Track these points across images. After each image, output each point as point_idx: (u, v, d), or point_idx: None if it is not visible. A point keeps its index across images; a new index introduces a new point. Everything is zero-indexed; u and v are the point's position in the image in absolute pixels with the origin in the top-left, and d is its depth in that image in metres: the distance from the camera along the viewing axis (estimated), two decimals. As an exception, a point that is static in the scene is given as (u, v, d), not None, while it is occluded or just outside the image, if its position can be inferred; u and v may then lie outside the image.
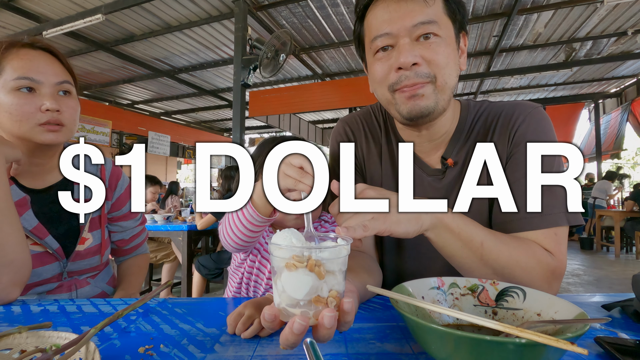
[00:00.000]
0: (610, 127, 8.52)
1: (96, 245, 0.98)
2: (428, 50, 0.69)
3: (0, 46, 0.81)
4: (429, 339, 0.40)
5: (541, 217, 0.70)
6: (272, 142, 0.89)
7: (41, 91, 0.81)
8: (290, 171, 0.56)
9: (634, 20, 5.19)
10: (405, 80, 0.70)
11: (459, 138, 0.83)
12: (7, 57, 0.80)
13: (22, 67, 0.80)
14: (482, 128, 0.82)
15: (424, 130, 0.80)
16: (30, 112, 0.79)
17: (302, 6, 4.68)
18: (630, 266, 5.42)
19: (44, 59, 0.83)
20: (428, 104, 0.71)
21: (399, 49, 0.70)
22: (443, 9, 0.71)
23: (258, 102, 5.89)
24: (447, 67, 0.70)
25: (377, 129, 0.93)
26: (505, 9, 4.80)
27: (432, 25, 0.68)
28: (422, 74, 0.69)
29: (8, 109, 0.78)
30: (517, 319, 0.52)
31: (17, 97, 0.79)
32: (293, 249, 0.42)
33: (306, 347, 0.50)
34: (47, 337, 0.46)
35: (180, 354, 0.50)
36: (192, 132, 10.61)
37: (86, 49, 5.88)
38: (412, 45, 0.69)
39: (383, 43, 0.72)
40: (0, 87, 0.79)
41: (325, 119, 10.61)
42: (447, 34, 0.71)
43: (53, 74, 0.83)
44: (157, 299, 0.75)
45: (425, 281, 0.56)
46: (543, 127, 0.75)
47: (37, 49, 0.84)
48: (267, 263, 0.91)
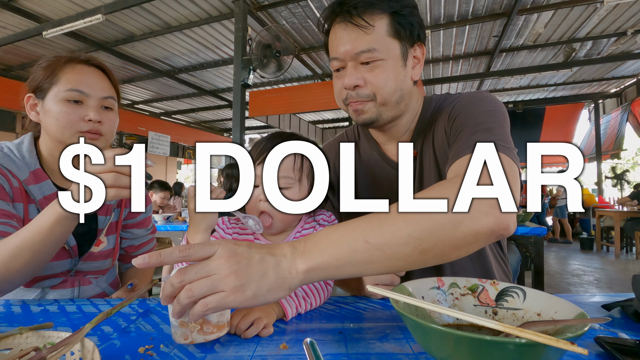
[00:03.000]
0: (610, 127, 8.51)
1: (109, 249, 1.02)
2: (369, 73, 0.79)
3: (60, 60, 0.89)
4: (429, 339, 0.40)
5: (462, 150, 0.68)
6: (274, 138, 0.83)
7: (87, 103, 0.88)
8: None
9: (634, 20, 5.18)
10: (350, 98, 0.82)
11: (420, 131, 0.91)
12: (64, 70, 0.88)
13: (75, 80, 0.87)
14: (433, 119, 0.89)
15: (387, 131, 0.91)
16: (74, 121, 0.86)
17: (302, 6, 4.68)
18: (630, 266, 5.43)
19: (94, 75, 0.92)
20: (370, 116, 0.82)
21: (346, 72, 0.81)
22: (386, 31, 0.78)
23: (258, 102, 5.89)
24: (386, 87, 0.79)
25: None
26: (505, 9, 4.80)
27: (370, 52, 0.77)
28: (363, 94, 0.80)
29: (56, 116, 0.86)
30: (517, 319, 0.52)
31: (66, 106, 0.86)
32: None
33: (306, 347, 0.50)
34: (47, 338, 0.46)
35: (180, 354, 0.50)
36: (192, 132, 10.60)
37: (86, 49, 5.87)
38: (356, 69, 0.79)
39: (336, 65, 0.83)
40: (53, 96, 0.87)
41: (325, 119, 10.61)
42: (389, 55, 0.78)
43: (100, 89, 0.91)
44: (158, 299, 0.75)
45: (425, 281, 0.57)
46: (477, 98, 0.80)
47: (91, 66, 0.92)
48: None
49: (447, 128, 0.82)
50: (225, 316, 0.55)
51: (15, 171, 0.86)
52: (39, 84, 0.88)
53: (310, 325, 0.61)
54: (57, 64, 0.88)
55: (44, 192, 0.89)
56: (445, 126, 0.83)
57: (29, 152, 0.90)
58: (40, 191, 0.89)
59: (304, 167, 0.77)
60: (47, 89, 0.87)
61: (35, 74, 0.90)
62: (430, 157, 0.87)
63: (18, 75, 6.77)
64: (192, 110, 9.86)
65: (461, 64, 6.66)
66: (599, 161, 8.56)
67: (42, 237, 0.68)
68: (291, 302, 0.65)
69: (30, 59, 6.33)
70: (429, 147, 0.88)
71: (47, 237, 0.68)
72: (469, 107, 0.79)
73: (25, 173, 0.87)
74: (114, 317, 0.65)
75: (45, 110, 0.88)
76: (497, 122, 0.72)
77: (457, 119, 0.79)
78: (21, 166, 0.87)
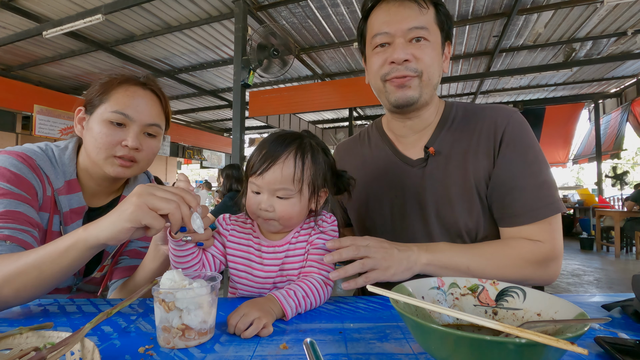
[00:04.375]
0: (610, 127, 8.51)
1: (107, 274, 0.98)
2: (418, 50, 0.83)
3: (118, 79, 0.87)
4: (429, 339, 0.40)
5: (535, 211, 0.80)
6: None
7: (129, 128, 0.85)
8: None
9: (634, 20, 5.18)
10: (396, 72, 0.84)
11: (442, 129, 0.93)
12: (117, 89, 0.86)
13: (123, 102, 0.84)
14: (463, 123, 0.92)
15: (409, 121, 0.93)
16: (111, 144, 0.84)
17: (302, 6, 4.68)
18: (630, 266, 5.43)
19: (146, 100, 0.88)
20: (413, 94, 0.85)
21: (394, 46, 0.84)
22: (434, 18, 0.85)
23: (258, 102, 5.89)
24: (432, 67, 0.84)
25: (357, 145, 1.09)
26: (505, 9, 4.80)
27: (423, 30, 0.83)
28: (411, 68, 0.83)
29: (95, 136, 0.84)
30: (517, 319, 0.52)
31: (107, 127, 0.84)
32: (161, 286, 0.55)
33: (306, 347, 0.50)
34: (47, 338, 0.46)
35: (180, 354, 0.50)
36: (192, 132, 10.60)
37: (86, 49, 5.88)
38: (405, 44, 0.83)
39: (381, 40, 0.85)
40: (99, 115, 0.84)
41: (325, 119, 10.60)
42: (434, 40, 0.85)
43: (147, 115, 0.87)
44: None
45: (425, 281, 0.56)
46: (526, 129, 0.87)
47: (146, 89, 0.89)
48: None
49: (494, 145, 0.85)
50: (209, 324, 0.55)
51: (52, 178, 0.84)
52: (91, 99, 0.86)
53: (310, 325, 0.61)
54: (113, 82, 0.86)
55: (72, 205, 0.87)
56: (492, 146, 0.85)
57: (70, 160, 0.88)
58: (68, 203, 0.86)
59: (304, 177, 0.74)
60: (96, 105, 0.85)
61: (92, 88, 0.88)
62: (459, 157, 0.88)
63: (18, 76, 6.78)
64: (192, 110, 9.86)
65: (461, 63, 6.66)
66: (599, 161, 8.56)
67: (54, 259, 0.63)
68: (290, 301, 0.65)
69: (30, 59, 6.33)
70: (458, 147, 0.89)
71: (60, 259, 0.63)
72: (523, 140, 0.84)
73: (61, 181, 0.85)
74: (114, 317, 0.65)
75: (89, 127, 0.86)
76: (548, 169, 0.83)
77: (511, 149, 0.83)
78: (59, 173, 0.85)
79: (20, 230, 0.73)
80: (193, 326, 0.53)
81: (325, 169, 0.78)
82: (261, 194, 0.74)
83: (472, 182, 0.85)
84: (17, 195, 0.76)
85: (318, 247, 0.77)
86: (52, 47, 5.85)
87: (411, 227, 0.91)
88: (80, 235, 0.63)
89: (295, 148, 0.74)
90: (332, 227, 0.81)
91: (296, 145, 0.74)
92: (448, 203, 0.87)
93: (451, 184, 0.87)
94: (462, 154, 0.87)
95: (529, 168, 0.82)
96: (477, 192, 0.85)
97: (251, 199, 0.76)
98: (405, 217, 0.92)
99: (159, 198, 0.62)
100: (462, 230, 0.86)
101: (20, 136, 7.68)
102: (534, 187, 0.80)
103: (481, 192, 0.85)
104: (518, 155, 0.83)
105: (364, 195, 1.00)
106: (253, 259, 0.78)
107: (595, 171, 8.71)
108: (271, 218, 0.74)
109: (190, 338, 0.53)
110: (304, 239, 0.79)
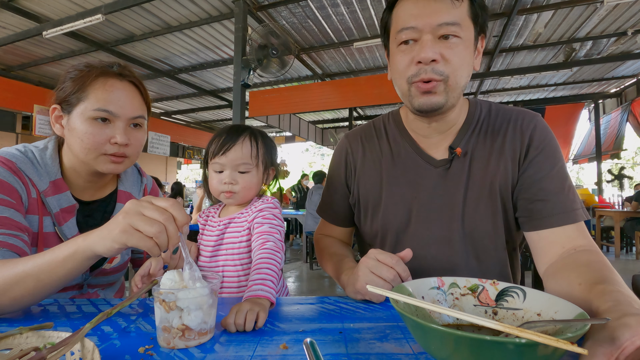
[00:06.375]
0: (610, 127, 8.51)
1: (122, 263, 0.99)
2: (447, 49, 0.74)
3: (92, 74, 0.83)
4: (429, 339, 0.40)
5: (568, 213, 0.76)
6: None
7: (115, 123, 0.84)
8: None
9: (634, 20, 5.18)
10: (423, 74, 0.75)
11: (467, 130, 0.88)
12: (94, 85, 0.83)
13: (103, 98, 0.82)
14: (489, 124, 0.88)
15: (434, 123, 0.86)
16: (99, 143, 0.82)
17: (302, 6, 4.68)
18: (630, 266, 5.42)
19: (126, 92, 0.86)
20: (439, 100, 0.77)
21: (422, 44, 0.75)
22: (467, 11, 0.76)
23: (258, 102, 5.88)
24: (461, 69, 0.76)
25: (374, 137, 1.00)
26: (505, 9, 4.80)
27: (454, 26, 0.73)
28: (438, 71, 0.75)
29: (81, 136, 0.82)
30: (517, 319, 0.52)
31: (92, 126, 0.82)
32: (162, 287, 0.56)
33: (306, 347, 0.50)
34: (47, 338, 0.46)
35: (180, 354, 0.50)
36: (192, 132, 10.60)
37: (86, 49, 5.88)
38: (433, 42, 0.74)
39: (407, 36, 0.77)
40: (80, 113, 0.82)
41: (325, 119, 10.60)
42: (467, 36, 0.76)
43: (131, 108, 0.86)
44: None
45: (425, 281, 0.57)
46: (551, 133, 0.84)
47: (123, 80, 0.86)
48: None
49: (521, 148, 0.82)
50: (209, 324, 0.55)
51: (36, 180, 0.82)
52: (66, 98, 0.83)
53: (310, 325, 0.61)
54: (87, 78, 0.83)
55: (62, 204, 0.85)
56: (519, 149, 0.83)
57: (52, 160, 0.86)
58: (57, 203, 0.84)
59: (259, 154, 0.90)
60: (74, 104, 0.82)
61: (64, 85, 0.84)
62: (483, 159, 0.85)
63: (18, 76, 6.77)
64: (192, 110, 9.85)
65: (461, 64, 6.65)
66: (599, 161, 8.56)
67: (52, 268, 0.62)
68: (266, 288, 0.68)
69: (30, 59, 6.33)
70: (483, 148, 0.85)
71: (57, 268, 0.62)
72: (551, 144, 0.82)
73: (45, 183, 0.83)
74: (114, 317, 0.65)
75: (70, 127, 0.83)
76: (569, 177, 0.81)
77: (541, 153, 0.81)
78: (42, 174, 0.83)
79: (10, 236, 0.72)
80: (193, 326, 0.53)
81: (272, 151, 0.95)
82: (224, 172, 0.88)
83: (495, 184, 0.82)
84: (1, 200, 0.74)
85: (261, 217, 0.86)
86: (52, 47, 5.85)
87: (430, 229, 0.86)
88: (79, 245, 0.61)
89: (249, 133, 0.91)
90: (268, 205, 0.89)
91: (249, 131, 0.91)
92: (471, 206, 0.83)
93: (475, 186, 0.84)
94: (486, 156, 0.84)
95: (559, 172, 0.79)
96: (500, 195, 0.82)
97: (214, 178, 0.89)
98: (425, 219, 0.87)
99: (145, 219, 0.56)
100: (483, 234, 0.83)
101: (20, 136, 7.68)
102: (565, 190, 0.78)
103: (504, 195, 0.82)
104: (547, 158, 0.80)
105: (378, 193, 0.93)
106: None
107: (595, 171, 8.71)
108: (234, 191, 0.88)
109: (190, 338, 0.53)
110: (244, 218, 0.89)
